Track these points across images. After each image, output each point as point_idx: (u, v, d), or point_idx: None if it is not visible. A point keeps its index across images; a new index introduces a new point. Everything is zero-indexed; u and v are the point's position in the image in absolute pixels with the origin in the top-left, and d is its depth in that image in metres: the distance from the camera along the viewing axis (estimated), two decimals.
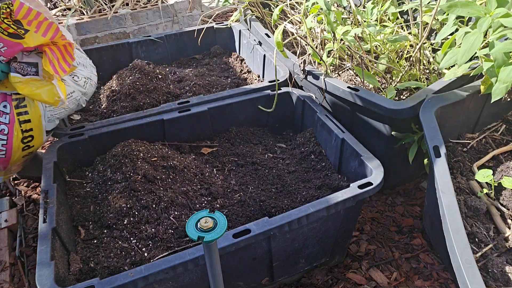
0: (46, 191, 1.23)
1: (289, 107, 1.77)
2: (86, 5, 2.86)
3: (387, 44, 1.71)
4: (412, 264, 1.48)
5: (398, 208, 1.71)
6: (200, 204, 1.35)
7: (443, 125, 1.29)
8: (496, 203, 1.27)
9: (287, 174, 1.53)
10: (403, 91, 1.61)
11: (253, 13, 2.25)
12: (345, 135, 1.44)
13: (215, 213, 0.79)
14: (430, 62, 1.74)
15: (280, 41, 1.49)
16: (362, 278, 1.42)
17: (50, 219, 1.13)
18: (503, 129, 1.55)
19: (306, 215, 1.10)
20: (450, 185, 1.10)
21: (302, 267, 1.36)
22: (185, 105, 1.64)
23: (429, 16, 1.52)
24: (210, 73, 2.14)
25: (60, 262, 1.06)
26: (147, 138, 1.56)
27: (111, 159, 1.43)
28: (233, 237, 1.04)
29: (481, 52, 1.21)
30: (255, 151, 1.65)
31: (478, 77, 1.49)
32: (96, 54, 2.14)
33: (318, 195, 1.37)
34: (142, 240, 1.21)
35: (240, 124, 1.77)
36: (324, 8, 1.45)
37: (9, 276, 1.43)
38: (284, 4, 1.77)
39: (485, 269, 1.12)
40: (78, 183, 1.45)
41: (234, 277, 1.21)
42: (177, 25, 3.22)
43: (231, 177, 1.50)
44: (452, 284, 1.40)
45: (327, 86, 1.55)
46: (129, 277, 0.95)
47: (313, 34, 1.80)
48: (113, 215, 1.27)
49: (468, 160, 1.43)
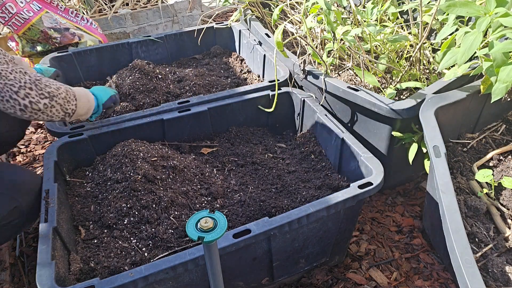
0: (47, 190, 1.23)
1: (289, 107, 1.77)
2: (86, 5, 2.86)
3: (387, 44, 1.71)
4: (412, 264, 1.48)
5: (398, 208, 1.72)
6: (200, 204, 1.35)
7: (443, 125, 1.29)
8: (496, 203, 1.27)
9: (287, 174, 1.53)
10: (403, 91, 1.61)
11: (253, 13, 2.25)
12: (345, 135, 1.44)
13: (215, 213, 0.79)
14: (430, 62, 1.74)
15: (280, 41, 1.49)
16: (362, 278, 1.42)
17: (51, 219, 1.13)
18: (503, 129, 1.55)
19: (306, 215, 1.10)
20: (450, 185, 1.10)
21: (302, 267, 1.36)
22: (185, 104, 1.64)
23: (429, 16, 1.52)
24: (210, 73, 2.13)
25: (61, 262, 1.06)
26: (147, 138, 1.56)
27: (111, 159, 1.43)
28: (233, 237, 1.04)
29: (481, 52, 1.21)
30: (255, 151, 1.65)
31: (478, 77, 1.49)
32: (96, 54, 2.14)
33: (318, 195, 1.37)
34: (142, 240, 1.21)
35: (240, 124, 1.77)
36: (324, 8, 1.45)
37: (9, 276, 1.43)
38: (284, 4, 1.77)
39: (485, 269, 1.12)
40: (79, 183, 1.45)
41: (234, 277, 1.21)
42: (177, 25, 3.22)
43: (231, 177, 1.50)
44: (452, 284, 1.40)
45: (327, 86, 1.55)
46: (129, 277, 0.95)
47: (313, 34, 1.80)
48: (113, 215, 1.27)
49: (468, 160, 1.43)
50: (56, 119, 1.25)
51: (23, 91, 1.11)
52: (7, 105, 1.11)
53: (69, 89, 1.28)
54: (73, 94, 1.29)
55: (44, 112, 1.18)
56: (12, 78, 1.10)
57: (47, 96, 1.17)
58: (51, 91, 1.19)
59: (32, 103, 1.13)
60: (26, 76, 1.14)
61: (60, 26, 2.30)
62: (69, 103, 1.26)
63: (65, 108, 1.25)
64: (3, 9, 2.12)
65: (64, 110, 1.25)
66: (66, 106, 1.25)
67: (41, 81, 1.17)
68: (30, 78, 1.14)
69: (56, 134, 1.52)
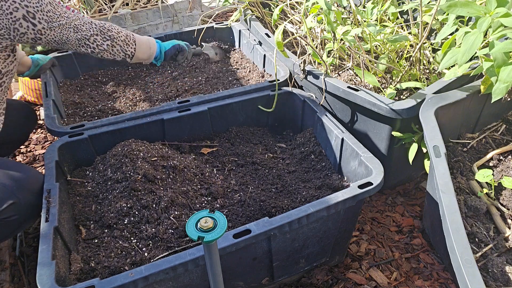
0: (49, 190, 1.23)
1: (289, 107, 1.77)
2: (86, 5, 2.86)
3: (387, 44, 1.71)
4: (412, 264, 1.48)
5: (398, 208, 1.72)
6: (200, 204, 1.35)
7: (443, 125, 1.29)
8: (496, 203, 1.27)
9: (287, 174, 1.53)
10: (403, 91, 1.61)
11: (253, 13, 2.25)
12: (345, 135, 1.44)
13: (215, 213, 0.79)
14: (430, 62, 1.74)
15: (280, 41, 1.49)
16: (362, 278, 1.42)
17: (52, 218, 1.13)
18: (503, 129, 1.55)
19: (306, 215, 1.10)
20: (450, 185, 1.10)
21: (302, 267, 1.36)
22: (185, 104, 1.64)
23: (429, 16, 1.52)
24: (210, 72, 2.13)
25: (61, 262, 1.06)
26: (147, 138, 1.56)
27: (111, 159, 1.43)
28: (233, 237, 1.04)
29: (481, 52, 1.21)
30: (255, 151, 1.65)
31: (478, 77, 1.49)
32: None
33: (318, 195, 1.37)
34: (143, 240, 1.21)
35: (240, 124, 1.77)
36: (324, 8, 1.45)
37: (9, 276, 1.43)
38: (284, 4, 1.77)
39: (485, 269, 1.12)
40: (79, 183, 1.45)
41: (234, 277, 1.21)
42: (177, 25, 3.22)
43: (231, 177, 1.50)
44: (452, 284, 1.40)
45: (327, 86, 1.55)
46: (129, 277, 0.95)
47: (313, 34, 1.80)
48: (113, 215, 1.27)
49: (468, 160, 1.43)
50: (118, 58, 1.56)
51: (92, 38, 1.46)
52: (83, 49, 1.47)
53: (130, 34, 1.58)
54: (133, 39, 1.58)
55: (109, 51, 1.51)
56: (85, 29, 1.44)
57: (109, 39, 1.49)
58: (112, 35, 1.50)
59: (98, 46, 1.48)
60: (93, 24, 1.46)
61: None
62: (128, 46, 1.56)
63: (125, 49, 1.55)
64: None
65: (123, 51, 1.55)
66: (125, 47, 1.55)
67: (104, 27, 1.49)
68: (96, 26, 1.47)
69: (56, 134, 1.52)
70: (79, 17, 1.44)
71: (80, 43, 1.45)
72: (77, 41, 1.44)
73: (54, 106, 1.65)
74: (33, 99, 2.42)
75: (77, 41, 1.44)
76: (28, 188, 1.25)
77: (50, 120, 1.54)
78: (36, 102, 2.44)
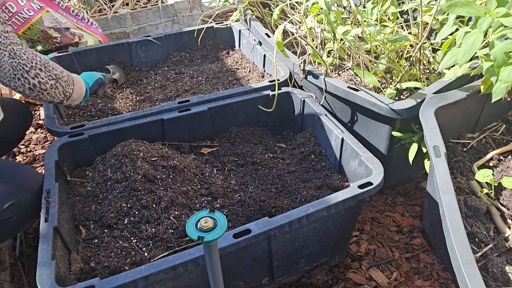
0: (48, 190, 1.23)
1: (289, 107, 1.77)
2: (86, 5, 2.86)
3: (387, 44, 1.71)
4: (412, 264, 1.48)
5: (398, 208, 1.72)
6: (200, 204, 1.35)
7: (443, 125, 1.29)
8: (496, 203, 1.27)
9: (287, 174, 1.53)
10: (403, 91, 1.61)
11: (253, 13, 2.25)
12: (345, 135, 1.44)
13: (215, 213, 0.79)
14: (430, 62, 1.74)
15: (280, 41, 1.49)
16: (362, 278, 1.42)
17: (51, 218, 1.13)
18: (503, 129, 1.55)
19: (306, 215, 1.10)
20: (450, 185, 1.10)
21: (302, 267, 1.36)
22: (185, 104, 1.64)
23: (429, 16, 1.52)
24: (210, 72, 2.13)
25: (61, 262, 1.06)
26: (147, 138, 1.56)
27: (111, 159, 1.43)
28: (233, 237, 1.04)
29: (481, 52, 1.21)
30: (255, 151, 1.65)
31: (478, 77, 1.49)
32: (96, 54, 2.14)
33: (318, 195, 1.37)
34: (143, 240, 1.21)
35: (240, 124, 1.77)
36: (324, 8, 1.45)
37: (9, 276, 1.43)
38: (284, 4, 1.77)
39: (485, 269, 1.12)
40: (79, 183, 1.45)
41: (234, 277, 1.21)
42: (177, 25, 3.22)
43: (231, 177, 1.50)
44: (452, 284, 1.40)
45: (327, 86, 1.55)
46: (129, 277, 0.95)
47: (313, 34, 1.80)
48: (113, 215, 1.27)
49: (468, 160, 1.43)
50: (56, 100, 1.34)
51: (34, 71, 1.21)
52: (18, 83, 1.20)
53: (69, 74, 1.39)
54: (72, 79, 1.39)
55: (49, 93, 1.28)
56: (25, 58, 1.19)
57: (54, 78, 1.27)
58: (57, 74, 1.29)
59: (41, 83, 1.23)
60: (37, 58, 1.23)
61: (61, 26, 2.30)
62: (68, 87, 1.36)
63: (65, 91, 1.35)
64: (3, 8, 2.12)
65: (64, 92, 1.34)
66: (66, 88, 1.35)
67: (49, 64, 1.27)
68: (40, 60, 1.24)
69: (56, 134, 1.52)
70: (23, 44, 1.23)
71: (16, 74, 1.18)
72: (12, 69, 1.17)
73: (54, 106, 1.65)
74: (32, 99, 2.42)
75: (12, 70, 1.17)
76: (28, 189, 1.25)
77: (50, 120, 1.54)
78: (36, 102, 2.44)
